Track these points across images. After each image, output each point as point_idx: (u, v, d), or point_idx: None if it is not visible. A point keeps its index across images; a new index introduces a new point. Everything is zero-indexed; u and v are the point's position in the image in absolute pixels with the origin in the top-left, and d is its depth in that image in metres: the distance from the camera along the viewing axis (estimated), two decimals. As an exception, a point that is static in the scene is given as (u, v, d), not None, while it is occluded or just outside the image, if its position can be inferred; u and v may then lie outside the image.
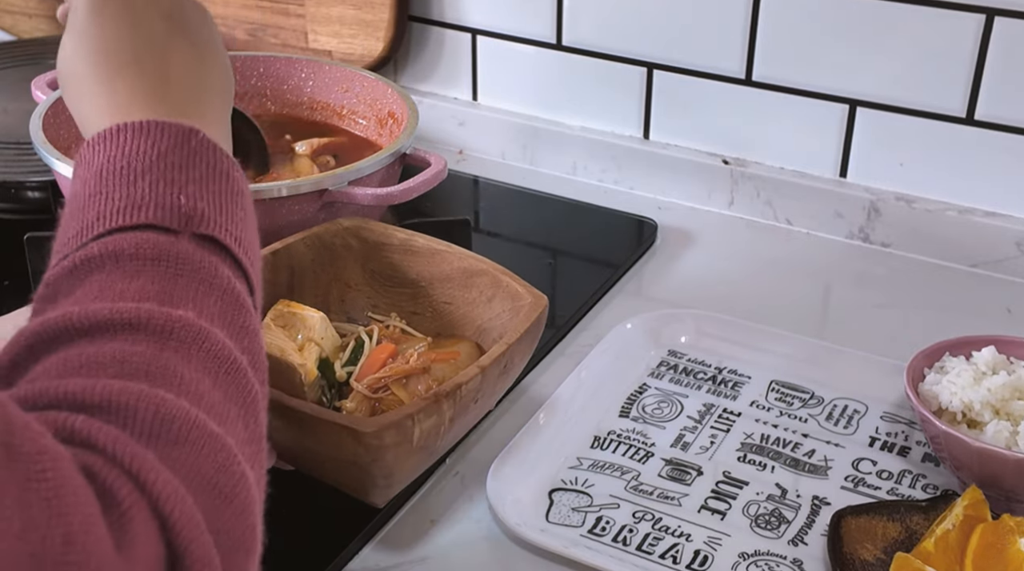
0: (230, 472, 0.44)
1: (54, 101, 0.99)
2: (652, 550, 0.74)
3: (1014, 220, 1.05)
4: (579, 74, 1.19)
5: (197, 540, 0.41)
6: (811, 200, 1.11)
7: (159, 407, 0.43)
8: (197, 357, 0.47)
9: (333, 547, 0.74)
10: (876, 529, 0.73)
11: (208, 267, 0.51)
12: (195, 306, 0.49)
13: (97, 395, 0.42)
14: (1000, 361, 0.81)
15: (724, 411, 0.87)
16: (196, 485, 0.43)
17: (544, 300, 0.78)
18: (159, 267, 0.50)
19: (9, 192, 1.06)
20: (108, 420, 0.42)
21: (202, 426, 0.44)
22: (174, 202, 0.52)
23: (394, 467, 0.69)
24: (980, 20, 1.00)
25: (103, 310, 0.47)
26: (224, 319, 0.50)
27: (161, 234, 0.51)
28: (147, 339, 0.46)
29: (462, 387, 0.70)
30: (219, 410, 0.46)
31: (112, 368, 0.44)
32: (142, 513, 0.40)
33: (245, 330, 0.51)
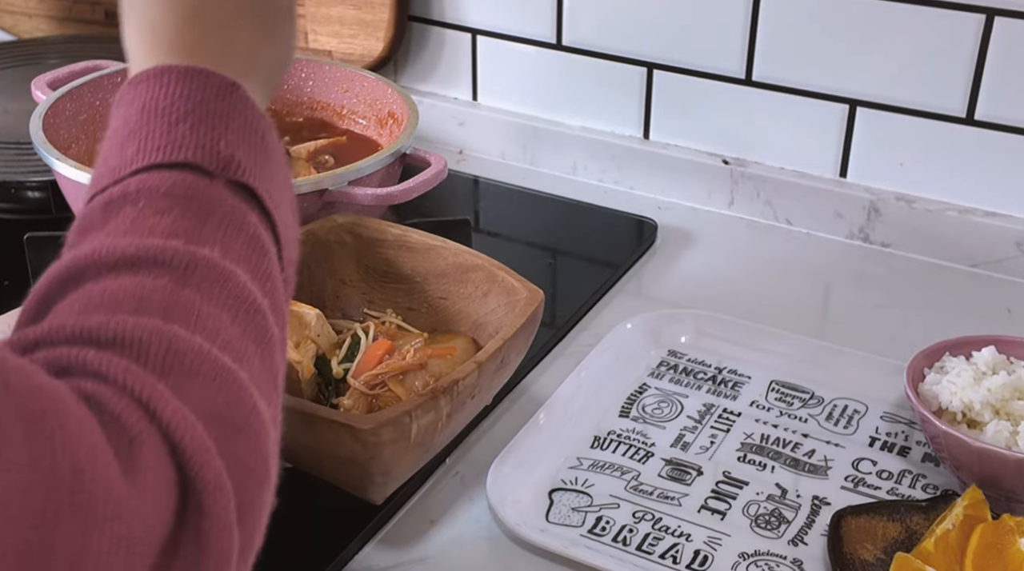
0: (241, 404, 0.45)
1: (54, 101, 0.99)
2: (652, 550, 0.74)
3: (1014, 220, 1.05)
4: (579, 74, 1.19)
5: (208, 465, 0.42)
6: (811, 200, 1.11)
7: (171, 342, 0.44)
8: (218, 295, 0.48)
9: (333, 547, 0.74)
10: (876, 529, 0.73)
11: (238, 212, 0.52)
12: (221, 247, 0.50)
13: (111, 331, 0.43)
14: (1000, 361, 0.81)
15: (724, 411, 0.87)
16: (206, 416, 0.43)
17: (540, 294, 0.78)
18: (191, 206, 0.51)
19: (9, 192, 1.06)
20: (121, 355, 0.43)
21: (213, 360, 0.45)
22: (213, 146, 0.53)
23: (392, 464, 0.69)
24: (980, 20, 1.00)
25: (130, 246, 0.48)
26: (248, 263, 0.51)
27: (197, 176, 0.52)
28: (169, 275, 0.47)
29: (459, 383, 0.70)
30: (235, 346, 0.47)
31: (130, 303, 0.46)
32: (151, 440, 0.41)
33: (267, 276, 0.52)
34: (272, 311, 0.51)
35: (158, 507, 0.40)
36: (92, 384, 0.42)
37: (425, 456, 0.74)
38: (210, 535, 0.42)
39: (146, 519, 0.40)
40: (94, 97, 1.03)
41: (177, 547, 0.41)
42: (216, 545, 0.42)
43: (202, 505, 0.42)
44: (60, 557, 0.37)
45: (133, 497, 0.39)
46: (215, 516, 0.42)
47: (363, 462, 0.68)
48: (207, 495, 0.42)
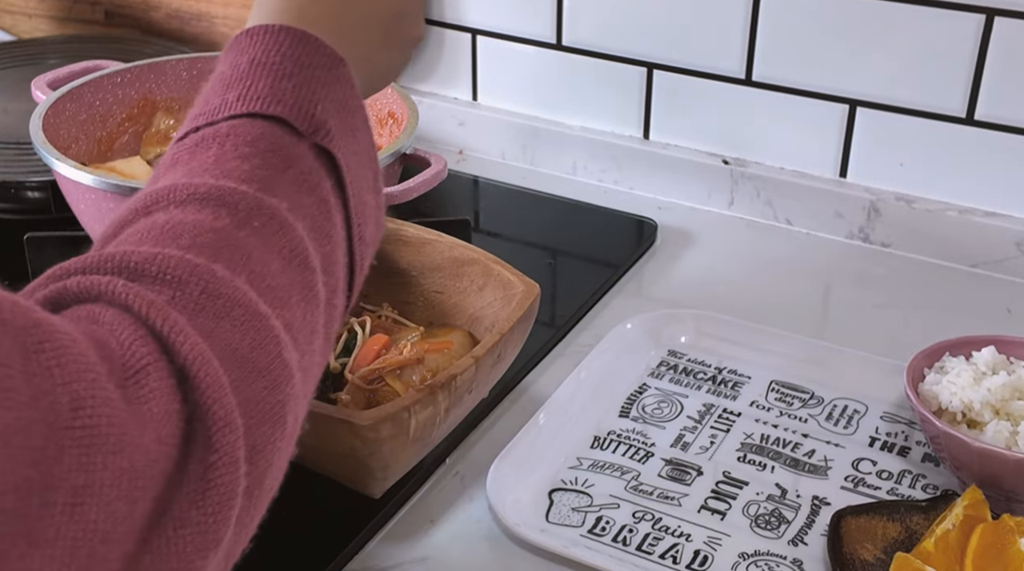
0: (266, 350, 0.47)
1: (54, 101, 0.99)
2: (652, 550, 0.74)
3: (1014, 220, 1.05)
4: (579, 74, 1.19)
5: (220, 401, 0.43)
6: (811, 200, 1.11)
7: (208, 282, 0.46)
8: (274, 243, 0.50)
9: (333, 547, 0.74)
10: (876, 529, 0.73)
11: (315, 174, 0.54)
12: (290, 201, 0.52)
13: (155, 266, 0.45)
14: (1000, 361, 0.81)
15: (724, 411, 0.87)
16: (228, 357, 0.45)
17: (536, 288, 0.78)
18: (272, 158, 0.53)
19: (9, 192, 1.06)
20: (159, 290, 0.45)
21: (247, 305, 0.47)
22: (310, 109, 0.55)
23: (391, 459, 0.70)
24: (980, 20, 1.00)
25: (203, 185, 0.50)
26: (311, 221, 0.53)
27: (287, 132, 0.54)
28: (232, 217, 0.50)
29: (457, 378, 0.71)
30: (278, 293, 0.49)
31: (186, 238, 0.48)
32: (160, 371, 0.42)
33: (327, 238, 0.54)
34: (324, 271, 0.53)
35: (161, 440, 0.41)
36: (112, 313, 0.43)
37: (423, 451, 0.74)
38: (216, 470, 0.42)
39: (148, 452, 0.40)
40: (94, 97, 1.03)
41: (183, 480, 0.42)
42: (222, 480, 0.43)
43: (211, 439, 0.42)
44: (61, 492, 0.37)
45: (135, 430, 0.40)
46: (222, 451, 0.43)
47: (362, 457, 0.68)
48: (216, 429, 0.42)
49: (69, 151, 0.96)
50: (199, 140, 0.54)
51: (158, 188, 0.51)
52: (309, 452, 0.71)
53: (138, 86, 1.06)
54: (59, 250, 0.95)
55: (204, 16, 1.36)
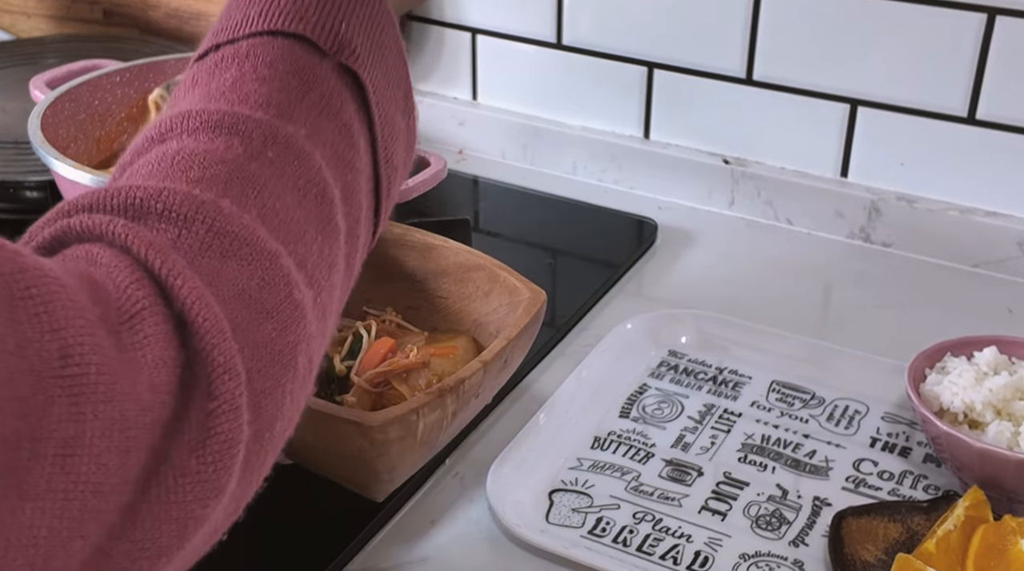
0: (275, 289, 0.45)
1: (52, 101, 0.99)
2: (652, 551, 0.74)
3: (1016, 220, 1.05)
4: (579, 74, 1.19)
5: (219, 347, 0.42)
6: (812, 200, 1.11)
7: (215, 220, 0.44)
8: (288, 174, 0.49)
9: (333, 547, 0.74)
10: (877, 530, 0.73)
11: (337, 97, 0.52)
12: (309, 127, 0.51)
13: (160, 203, 0.44)
14: (1001, 361, 0.81)
15: (725, 411, 0.87)
16: (235, 298, 0.44)
17: (543, 295, 0.78)
18: (292, 80, 0.51)
19: (7, 192, 1.05)
20: (164, 228, 0.44)
21: (255, 243, 0.45)
22: (334, 26, 0.53)
23: (397, 461, 0.69)
24: (981, 19, 0.99)
25: (216, 112, 0.49)
26: (332, 148, 0.51)
27: (310, 51, 0.52)
28: (245, 146, 0.48)
29: (465, 382, 0.71)
30: (292, 228, 0.48)
31: (195, 170, 0.46)
32: (156, 316, 0.41)
33: (349, 166, 0.52)
34: (344, 201, 0.51)
35: (155, 387, 0.40)
36: (111, 254, 0.42)
37: (428, 454, 0.74)
38: (216, 418, 0.41)
39: (141, 401, 0.39)
40: (93, 97, 1.03)
41: (182, 428, 0.41)
42: (222, 428, 0.41)
43: (210, 386, 0.41)
44: (50, 443, 0.36)
45: (127, 378, 0.38)
46: (222, 398, 0.41)
47: (370, 459, 0.68)
48: (216, 376, 0.41)
49: (68, 151, 0.96)
50: (218, 60, 0.52)
51: (172, 114, 0.50)
52: (313, 453, 0.71)
53: (137, 85, 1.06)
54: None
55: (203, 15, 1.36)
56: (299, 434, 0.69)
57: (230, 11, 0.54)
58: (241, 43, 0.53)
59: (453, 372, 0.74)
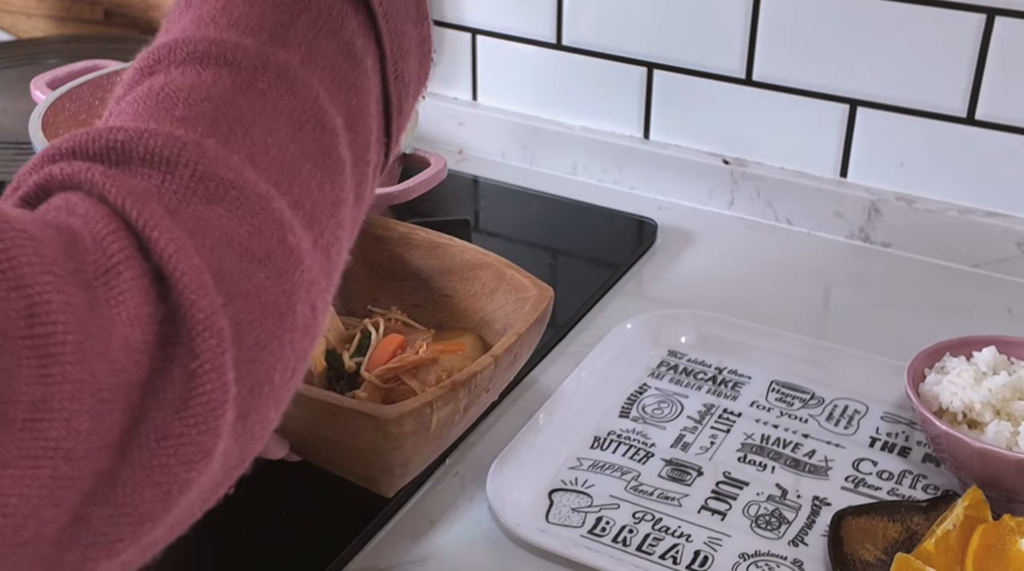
0: (266, 235, 0.43)
1: (53, 101, 0.99)
2: (652, 550, 0.74)
3: (1015, 220, 1.05)
4: (579, 74, 1.19)
5: (199, 303, 0.39)
6: (811, 200, 1.11)
7: (199, 162, 0.42)
8: (282, 105, 0.46)
9: (333, 547, 0.74)
10: (876, 529, 0.73)
11: (336, 13, 0.50)
12: (305, 50, 0.48)
13: (142, 146, 0.42)
14: (1001, 361, 0.81)
15: (724, 411, 0.87)
16: (222, 246, 0.41)
17: (550, 291, 0.79)
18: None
19: (8, 192, 1.05)
20: (147, 173, 0.42)
21: (242, 186, 0.43)
22: None
23: (411, 455, 0.70)
24: (981, 20, 0.99)
25: (204, 41, 0.47)
26: (331, 72, 0.49)
27: None
28: (233, 78, 0.46)
29: (476, 376, 0.71)
30: (285, 166, 0.45)
31: (180, 108, 0.44)
32: (132, 269, 0.39)
33: (354, 88, 0.49)
34: (348, 128, 0.49)
35: (130, 346, 0.38)
36: (89, 203, 0.40)
37: (439, 449, 0.75)
38: (198, 377, 0.39)
39: (114, 362, 0.37)
40: (93, 97, 1.03)
41: (163, 388, 0.39)
42: (204, 388, 0.39)
43: (191, 344, 0.39)
44: (20, 407, 0.35)
45: (98, 337, 0.37)
46: (203, 357, 0.39)
47: (384, 453, 0.69)
48: (196, 334, 0.39)
49: (68, 151, 0.96)
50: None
51: (161, 44, 0.47)
52: (324, 448, 0.71)
53: (137, 86, 1.06)
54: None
55: (204, 16, 1.36)
56: (311, 429, 0.69)
57: None
58: None
59: (461, 368, 0.74)
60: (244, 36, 0.47)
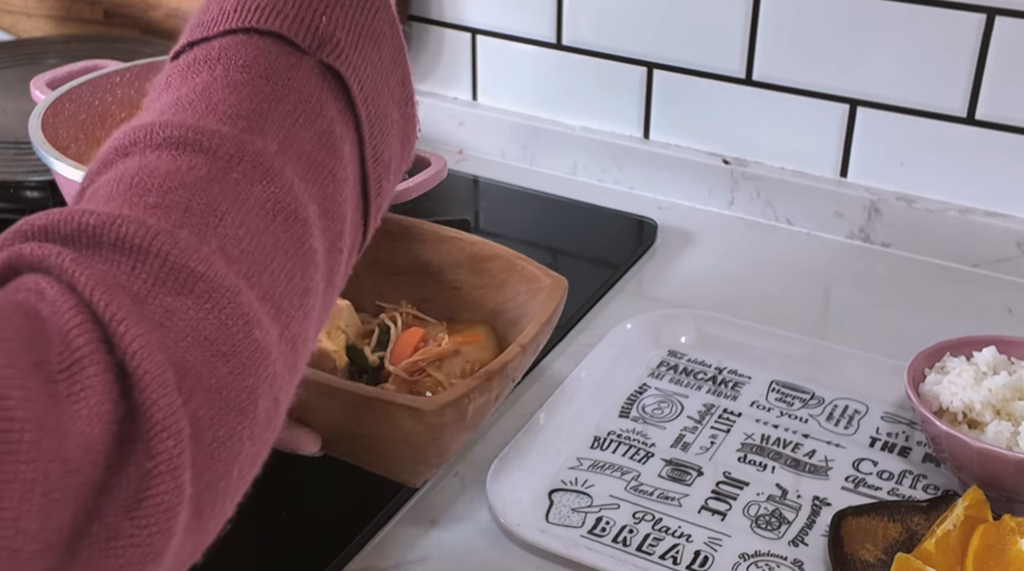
0: (232, 329, 0.42)
1: (53, 101, 0.99)
2: (652, 551, 0.74)
3: (1015, 220, 1.05)
4: (579, 74, 1.19)
5: (160, 402, 0.39)
6: (811, 200, 1.11)
7: (169, 253, 0.42)
8: (256, 195, 0.46)
9: (333, 547, 0.74)
10: (877, 530, 0.73)
11: (315, 101, 0.50)
12: (282, 138, 0.48)
13: (113, 232, 0.41)
14: (1001, 361, 0.81)
15: (724, 411, 0.87)
16: (187, 339, 0.41)
17: (564, 281, 0.80)
18: (266, 86, 0.49)
19: (8, 192, 1.05)
20: (117, 260, 0.41)
21: (211, 279, 0.42)
22: (314, 20, 0.50)
23: (448, 445, 0.71)
24: (981, 20, 0.99)
25: (181, 126, 0.46)
26: (307, 160, 0.48)
27: (287, 50, 0.50)
28: (209, 166, 0.45)
29: (508, 365, 0.72)
30: (256, 258, 0.45)
31: (153, 194, 0.44)
32: (97, 364, 0.38)
33: (330, 176, 0.49)
34: (323, 217, 0.49)
35: (87, 445, 0.37)
36: (58, 291, 0.39)
37: (470, 437, 0.75)
38: (152, 479, 0.38)
39: (68, 461, 0.36)
40: (93, 97, 1.03)
41: (117, 485, 0.38)
42: (159, 491, 0.38)
43: (149, 444, 0.38)
44: None
45: (55, 434, 0.36)
46: (159, 458, 0.38)
47: (421, 444, 0.69)
48: (154, 435, 0.38)
49: (68, 151, 0.96)
50: (190, 63, 0.50)
51: (138, 125, 0.47)
52: (357, 440, 0.72)
53: (137, 86, 1.06)
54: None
55: (203, 16, 1.36)
56: (346, 422, 0.69)
57: (207, 4, 0.52)
58: (214, 43, 0.50)
59: (480, 359, 0.76)
60: (221, 123, 0.47)
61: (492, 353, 0.79)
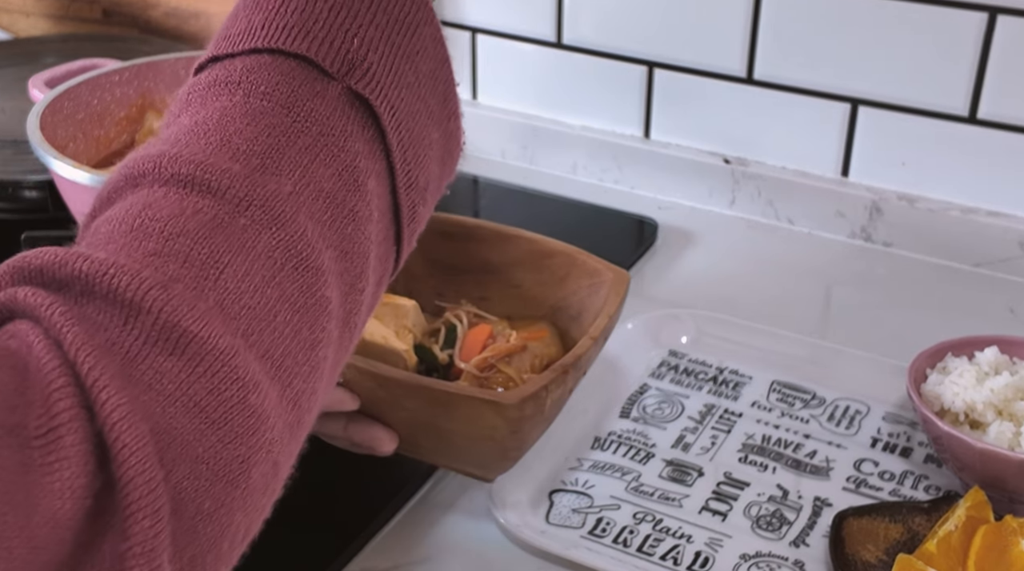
0: (224, 396, 0.40)
1: (51, 100, 0.99)
2: (653, 551, 0.74)
3: (1017, 219, 1.05)
4: (579, 73, 1.19)
5: (137, 480, 0.37)
6: (813, 200, 1.11)
7: (163, 309, 0.39)
8: (263, 243, 0.43)
9: (333, 548, 0.73)
10: (878, 530, 0.73)
11: (338, 134, 0.47)
12: (299, 177, 0.45)
13: (106, 283, 0.39)
14: (1003, 361, 0.80)
15: (725, 412, 0.86)
16: (176, 404, 0.39)
17: (627, 274, 0.80)
18: (286, 117, 0.46)
19: (6, 191, 1.05)
20: (109, 313, 0.39)
21: (205, 339, 0.40)
22: (345, 42, 0.47)
23: (526, 438, 0.72)
24: (983, 19, 0.99)
25: (190, 163, 0.44)
26: (325, 200, 0.45)
27: (313, 75, 0.47)
28: (216, 209, 0.43)
29: (581, 358, 0.73)
30: (257, 313, 0.42)
31: (153, 240, 0.41)
32: (76, 433, 0.36)
33: (350, 215, 0.46)
34: (339, 259, 0.46)
35: (56, 521, 0.35)
36: (44, 347, 0.37)
37: (545, 430, 0.76)
38: (127, 561, 0.36)
39: (34, 538, 0.34)
40: (92, 96, 1.03)
41: (91, 563, 0.36)
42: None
43: (124, 523, 0.36)
44: None
45: (23, 508, 0.34)
46: (134, 540, 0.36)
47: (501, 438, 0.70)
48: (129, 514, 0.36)
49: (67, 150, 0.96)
50: (212, 82, 0.47)
51: (150, 154, 0.45)
52: (435, 437, 0.72)
53: (136, 85, 1.05)
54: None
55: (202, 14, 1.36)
56: (425, 420, 0.70)
57: (236, 14, 0.49)
58: (237, 62, 0.47)
59: (547, 354, 0.78)
60: (235, 159, 0.44)
61: (556, 348, 0.80)
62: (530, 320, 0.83)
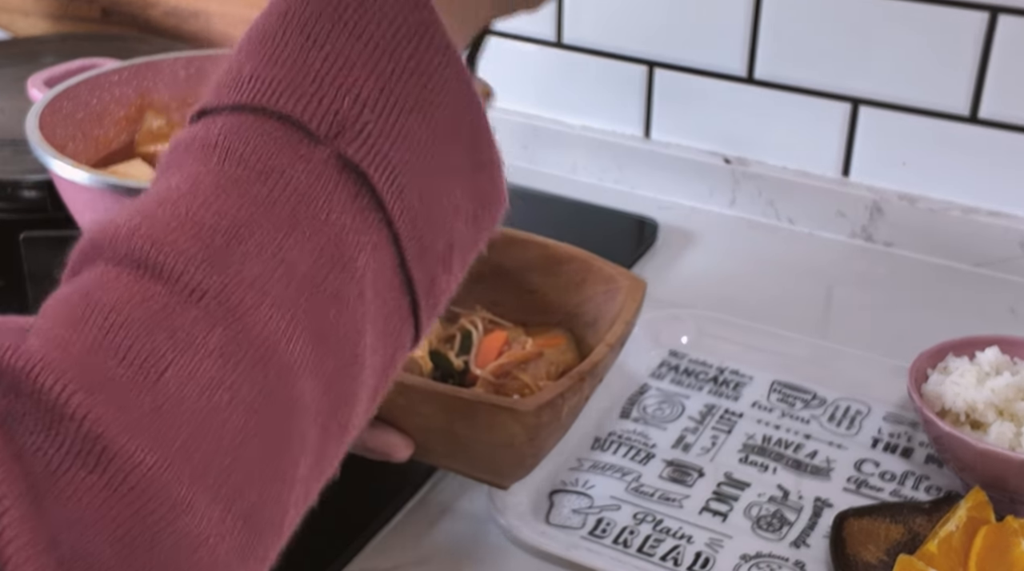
0: (150, 520, 0.36)
1: (50, 99, 0.98)
2: (653, 552, 0.73)
3: (1018, 219, 1.04)
4: (580, 73, 1.18)
5: None
6: (813, 199, 1.11)
7: (85, 417, 0.36)
8: (215, 338, 0.39)
9: (333, 548, 0.73)
10: (879, 531, 0.73)
11: (322, 206, 0.42)
12: (271, 256, 0.40)
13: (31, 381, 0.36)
14: (1004, 362, 0.80)
15: (726, 412, 0.86)
16: (94, 528, 0.35)
17: (643, 282, 0.80)
18: (262, 188, 0.41)
19: (5, 191, 1.05)
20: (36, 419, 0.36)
21: (131, 454, 0.36)
22: (335, 102, 0.42)
23: (543, 445, 0.72)
24: (984, 18, 0.99)
25: (147, 240, 0.40)
26: (302, 283, 0.41)
27: (297, 138, 0.42)
28: (167, 297, 0.39)
29: (598, 365, 0.72)
30: (202, 420, 0.38)
31: (94, 331, 0.38)
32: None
33: (332, 299, 0.42)
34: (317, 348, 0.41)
35: None
36: None
37: (561, 438, 0.76)
38: None
39: None
40: (91, 95, 1.03)
41: None
42: None
43: None
44: None
45: None
46: None
47: (518, 445, 0.70)
48: None
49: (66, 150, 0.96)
50: (190, 142, 0.43)
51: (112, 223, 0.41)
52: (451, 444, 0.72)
53: (135, 84, 1.05)
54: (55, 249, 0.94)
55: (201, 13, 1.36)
56: (442, 426, 0.69)
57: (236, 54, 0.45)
58: (218, 120, 0.43)
59: (563, 360, 0.77)
60: (196, 238, 0.40)
61: (572, 355, 0.79)
62: (545, 326, 0.83)
